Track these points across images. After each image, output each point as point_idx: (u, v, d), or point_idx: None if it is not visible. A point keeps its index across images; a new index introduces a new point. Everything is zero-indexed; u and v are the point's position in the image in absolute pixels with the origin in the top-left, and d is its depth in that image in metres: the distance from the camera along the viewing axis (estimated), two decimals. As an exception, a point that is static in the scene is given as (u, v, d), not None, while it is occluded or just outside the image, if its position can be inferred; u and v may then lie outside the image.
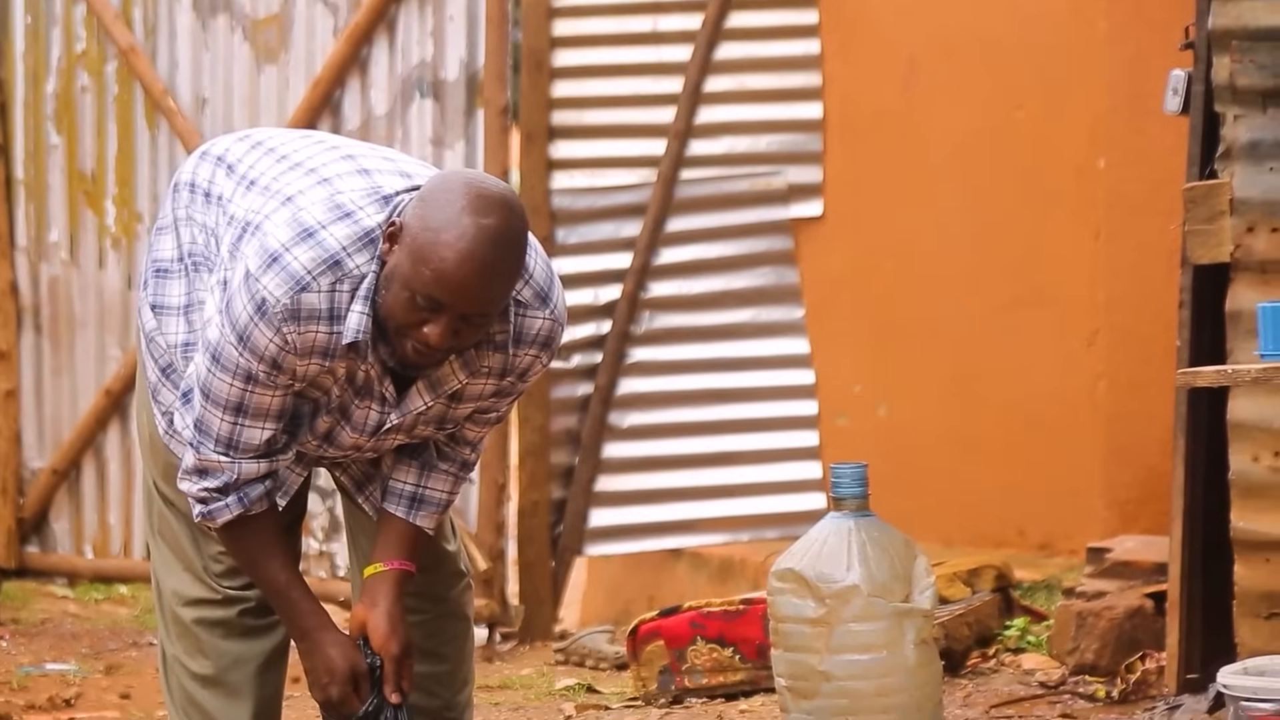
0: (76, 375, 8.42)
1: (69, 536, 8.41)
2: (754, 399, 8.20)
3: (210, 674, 3.87)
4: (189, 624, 3.87)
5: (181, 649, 3.89)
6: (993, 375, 7.50)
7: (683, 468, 8.24)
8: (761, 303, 8.18)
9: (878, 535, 4.14)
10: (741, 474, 8.21)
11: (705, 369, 8.22)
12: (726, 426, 8.22)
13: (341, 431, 3.67)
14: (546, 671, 6.86)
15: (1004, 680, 5.56)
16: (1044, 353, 7.36)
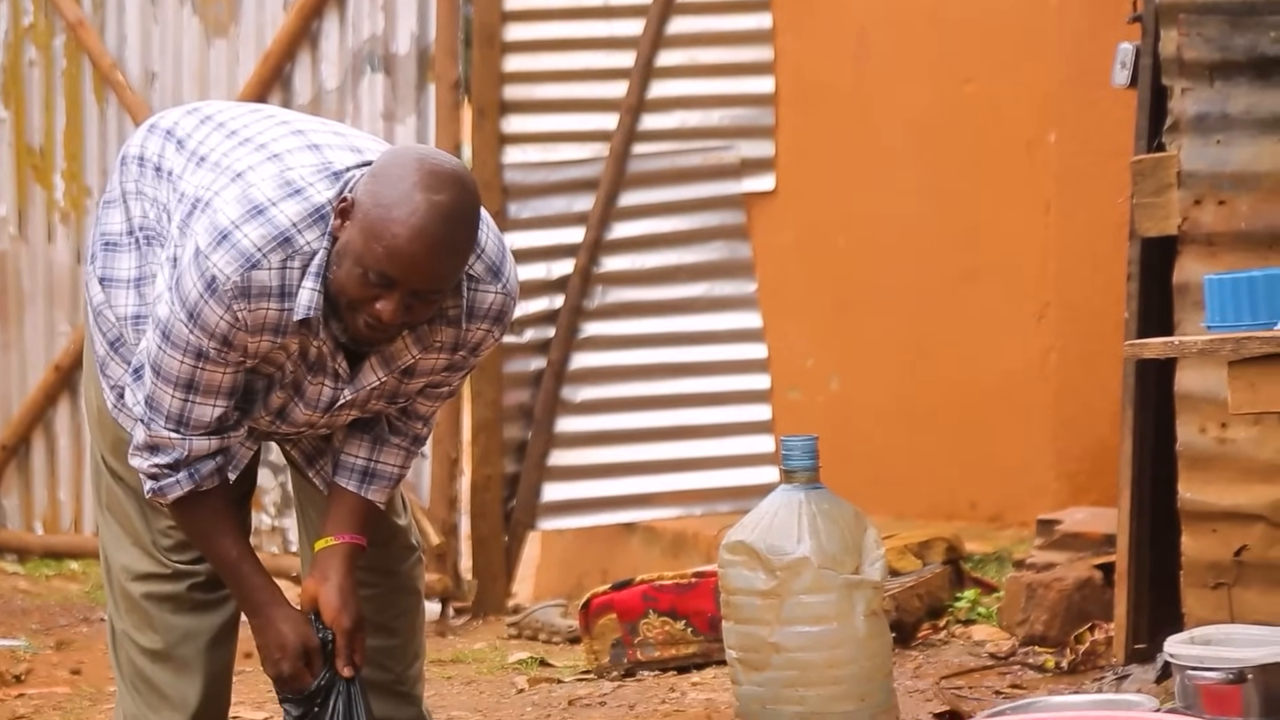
0: (25, 350, 8.39)
1: (18, 512, 8.38)
2: (706, 373, 8.21)
3: (160, 649, 3.86)
4: (138, 599, 3.86)
5: (131, 624, 3.88)
6: (944, 348, 7.53)
7: (635, 442, 8.25)
8: (714, 277, 8.19)
9: (828, 508, 4.16)
10: (694, 448, 8.22)
11: (658, 343, 8.22)
12: (679, 401, 8.23)
13: (295, 408, 3.66)
14: (499, 645, 6.86)
15: (954, 651, 5.58)
16: (995, 326, 7.39)
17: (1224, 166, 4.90)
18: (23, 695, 6.19)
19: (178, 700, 3.86)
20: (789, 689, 4.08)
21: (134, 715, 3.88)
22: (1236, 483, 4.83)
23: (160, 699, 3.86)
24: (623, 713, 5.18)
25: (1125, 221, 5.20)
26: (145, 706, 3.86)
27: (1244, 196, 4.85)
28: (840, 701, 4.08)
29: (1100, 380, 6.78)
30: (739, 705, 4.16)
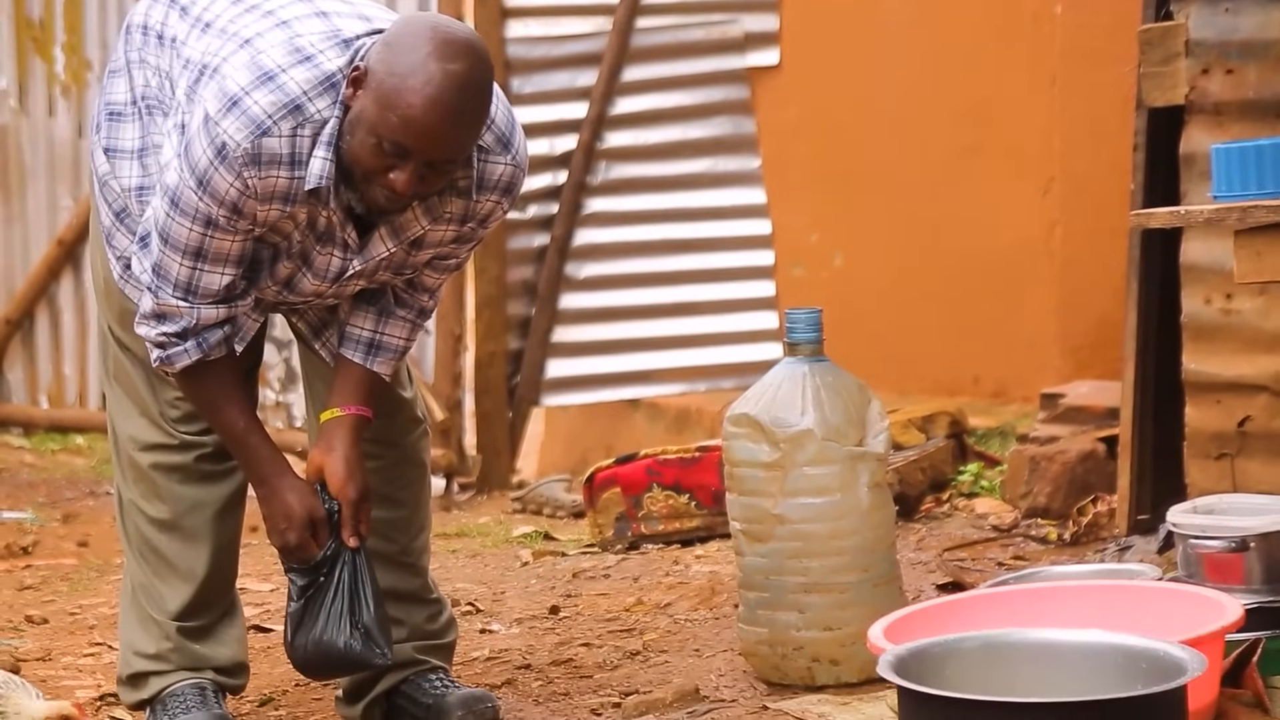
0: (28, 225, 8.37)
1: (24, 386, 8.40)
2: (710, 249, 8.20)
3: (167, 518, 3.88)
4: (146, 469, 3.87)
5: (138, 493, 3.89)
6: (948, 223, 7.50)
7: (639, 318, 8.25)
8: (718, 153, 8.15)
9: (832, 380, 4.15)
10: (698, 324, 8.23)
11: (661, 219, 8.20)
12: (683, 277, 8.22)
13: (303, 278, 3.65)
14: (504, 520, 6.89)
15: (957, 524, 5.61)
16: (999, 200, 7.36)
17: (1232, 35, 4.86)
18: (30, 567, 6.23)
19: (185, 570, 3.88)
20: (792, 560, 4.09)
21: (142, 584, 3.90)
22: (1240, 353, 4.83)
23: (168, 568, 3.88)
24: (626, 585, 5.22)
25: (1131, 94, 5.16)
26: (153, 575, 3.88)
27: (1252, 65, 4.81)
28: (843, 573, 4.09)
29: (1104, 255, 6.76)
30: (742, 577, 4.17)
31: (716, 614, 4.77)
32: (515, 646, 4.58)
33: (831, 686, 4.05)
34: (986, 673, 3.26)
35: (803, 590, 4.09)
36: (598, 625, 4.76)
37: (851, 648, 4.04)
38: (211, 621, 3.91)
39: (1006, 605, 3.82)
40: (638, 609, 4.92)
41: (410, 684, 3.92)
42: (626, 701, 4.02)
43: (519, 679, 4.28)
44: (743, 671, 4.19)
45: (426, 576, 4.02)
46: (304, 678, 4.29)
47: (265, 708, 4.18)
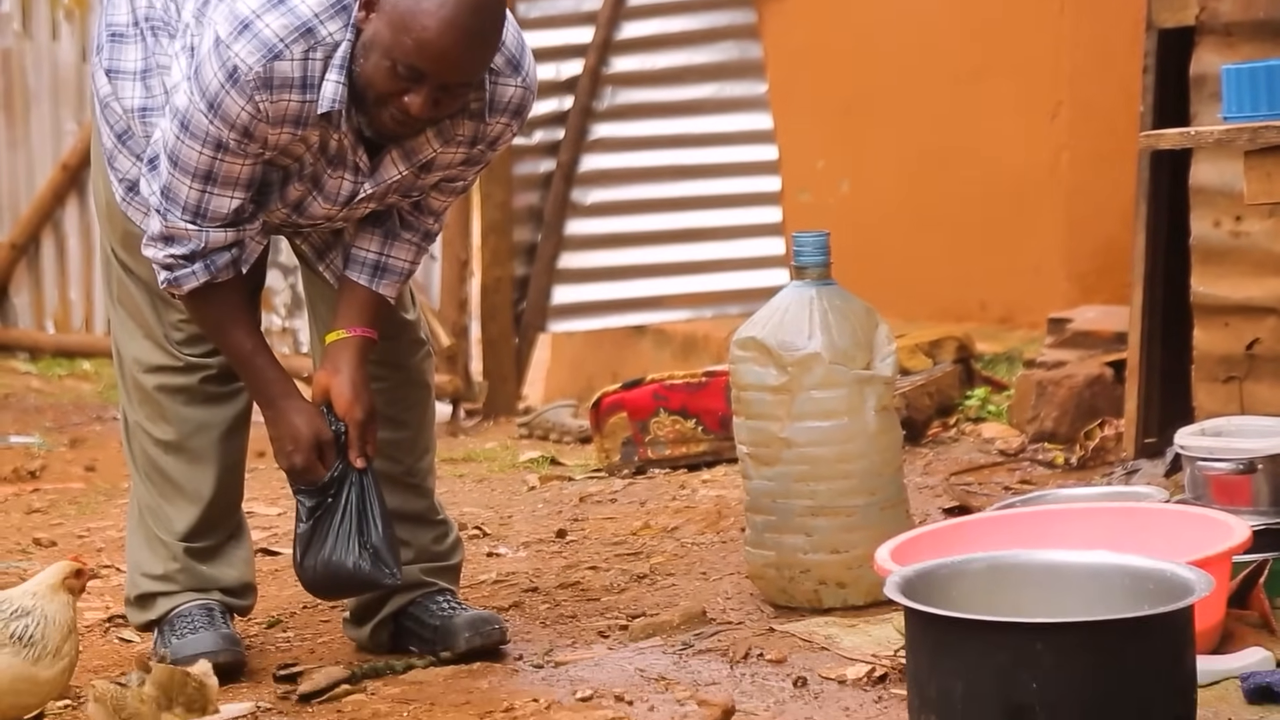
0: (32, 150, 8.35)
1: (29, 311, 8.39)
2: (717, 175, 8.18)
3: (173, 440, 3.88)
4: (151, 390, 3.87)
5: (144, 415, 3.89)
6: (956, 149, 7.48)
7: (646, 244, 8.24)
8: (724, 78, 8.12)
9: (839, 303, 4.14)
10: (704, 251, 8.22)
11: (668, 145, 8.18)
12: (690, 203, 8.20)
13: (313, 202, 3.64)
14: (510, 445, 6.90)
15: (964, 449, 5.61)
16: (1007, 126, 7.33)
17: (1243, -45, 4.82)
18: (38, 490, 6.24)
19: (191, 491, 3.88)
20: (799, 483, 4.09)
21: (149, 505, 3.91)
22: (1249, 276, 4.81)
23: (174, 489, 3.88)
24: (633, 509, 5.22)
25: (1140, 17, 5.13)
26: (159, 497, 3.89)
27: (1263, -14, 4.78)
28: (850, 496, 4.09)
29: (1112, 179, 6.74)
30: (749, 500, 4.17)
31: (723, 538, 4.77)
32: (522, 570, 4.59)
33: (838, 609, 4.06)
34: (993, 594, 3.26)
35: (810, 513, 4.10)
36: (604, 549, 4.77)
37: (858, 570, 4.05)
38: (218, 543, 3.92)
39: (1013, 528, 3.82)
40: (644, 533, 4.93)
41: (418, 605, 3.93)
42: (634, 624, 4.02)
43: (526, 602, 4.29)
44: (749, 594, 4.20)
45: (432, 498, 4.03)
46: (312, 599, 4.31)
47: (273, 629, 4.19)
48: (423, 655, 3.86)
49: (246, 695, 3.62)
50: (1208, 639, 3.48)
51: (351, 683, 3.69)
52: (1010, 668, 2.95)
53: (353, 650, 3.98)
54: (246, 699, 3.56)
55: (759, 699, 3.52)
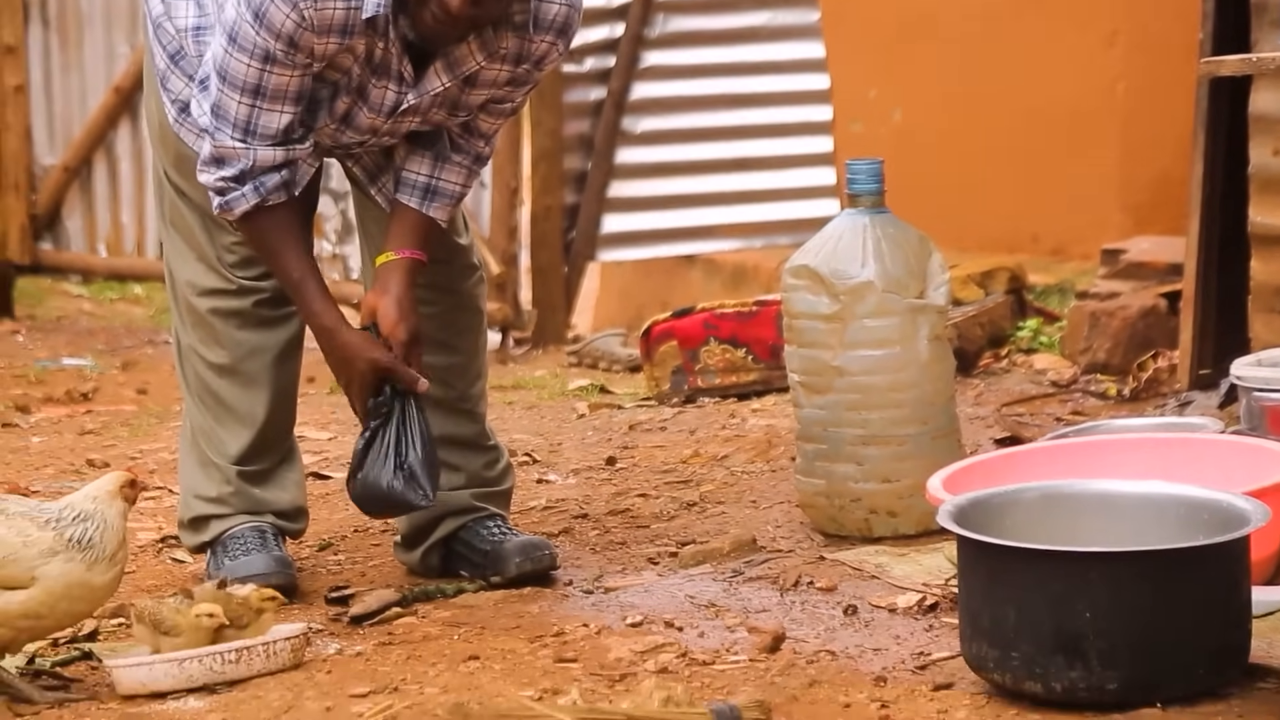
0: (85, 72, 8.35)
1: (82, 234, 8.42)
2: (768, 104, 8.15)
3: (226, 363, 3.88)
4: (204, 314, 3.88)
5: (197, 338, 3.90)
6: (1009, 79, 7.42)
7: (696, 173, 8.21)
8: (777, 5, 8.07)
9: (893, 232, 4.12)
10: (755, 180, 8.19)
11: (719, 73, 8.15)
12: (740, 132, 8.18)
13: (359, 113, 3.63)
14: (559, 373, 6.90)
15: (1016, 380, 5.58)
16: (1061, 54, 7.27)
17: (1307, -122, 4.75)
18: (90, 412, 6.28)
19: (244, 414, 3.89)
20: (851, 412, 4.08)
21: (202, 428, 3.92)
22: (1308, 206, 4.77)
23: (227, 412, 3.89)
24: (683, 437, 5.22)
25: (1201, -57, 5.07)
26: (212, 419, 3.90)
27: (1329, -95, 4.71)
28: (902, 425, 4.08)
29: (1168, 109, 6.68)
30: (800, 429, 4.16)
31: (773, 466, 4.77)
32: (572, 496, 4.59)
33: (889, 538, 4.05)
34: (1046, 523, 3.25)
35: (861, 442, 4.08)
36: (654, 476, 4.77)
37: (909, 500, 4.04)
38: (271, 466, 3.93)
39: (1066, 458, 3.80)
40: (694, 461, 4.92)
41: (468, 530, 3.94)
42: (684, 551, 4.03)
43: (576, 528, 4.30)
44: (799, 523, 4.20)
45: (484, 423, 4.03)
46: (363, 522, 4.34)
47: (324, 552, 4.21)
48: (473, 579, 3.87)
49: (298, 617, 3.64)
50: (1263, 569, 3.46)
51: (402, 606, 3.70)
52: (1064, 597, 2.95)
53: (403, 574, 3.99)
54: (298, 620, 3.57)
55: (809, 626, 3.52)
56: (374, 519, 4.06)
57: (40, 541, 3.25)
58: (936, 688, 3.14)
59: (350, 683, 3.27)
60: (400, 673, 3.32)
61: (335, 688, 3.25)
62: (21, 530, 3.26)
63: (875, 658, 3.33)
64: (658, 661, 3.34)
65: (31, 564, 3.25)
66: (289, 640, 3.37)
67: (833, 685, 3.18)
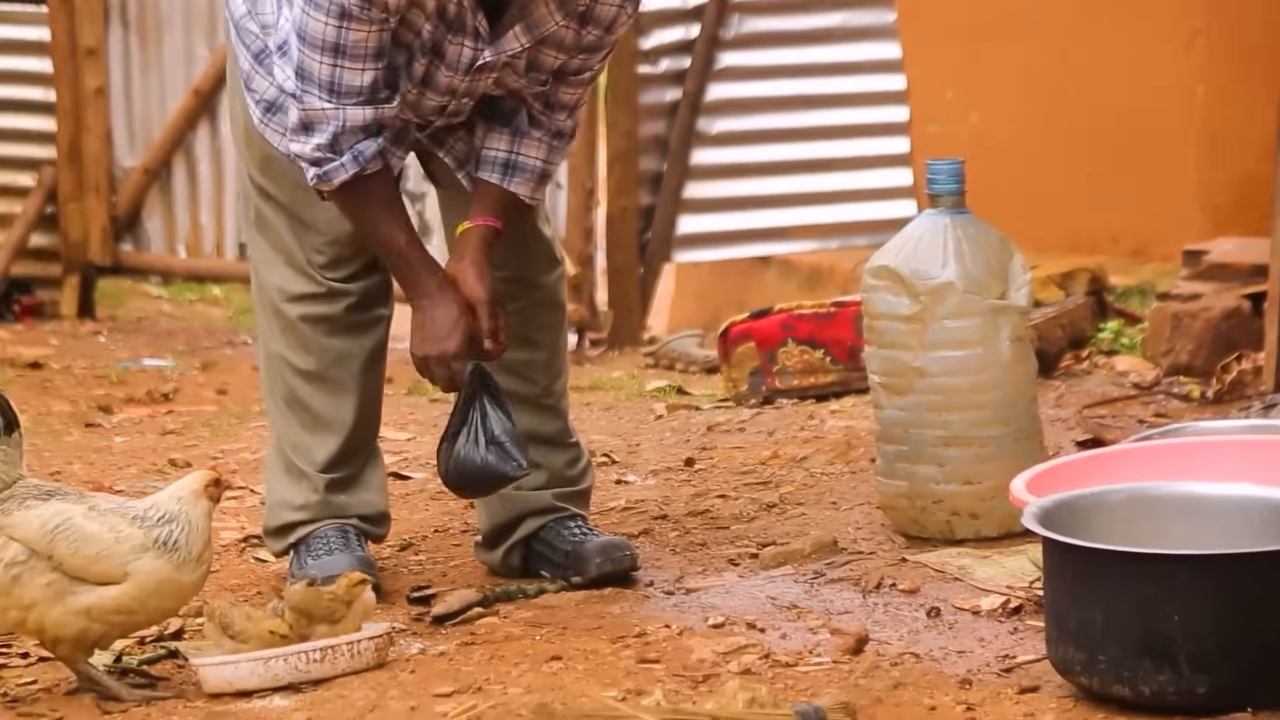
0: (165, 74, 8.40)
1: (162, 236, 8.47)
2: (845, 105, 8.13)
3: (315, 370, 3.88)
4: (294, 320, 3.87)
5: (285, 345, 3.89)
6: (1088, 79, 7.38)
7: (772, 174, 8.20)
8: (853, 6, 8.05)
9: (974, 232, 4.09)
10: (831, 181, 8.17)
11: (795, 74, 8.13)
12: (817, 133, 8.16)
13: (437, 73, 3.62)
14: (636, 374, 6.91)
15: (1097, 381, 5.54)
16: (1141, 56, 7.23)
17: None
18: (172, 412, 6.33)
19: (332, 421, 3.89)
20: (932, 414, 4.05)
21: (288, 437, 3.90)
22: (1396, 208, 4.72)
23: (315, 420, 3.89)
24: (761, 439, 5.20)
25: (1285, -58, 5.03)
26: (300, 428, 3.90)
27: None
28: (983, 426, 4.05)
29: (1250, 110, 6.63)
30: (880, 430, 4.14)
31: (853, 468, 4.75)
32: (651, 497, 4.59)
33: (971, 540, 4.03)
34: (1133, 525, 3.23)
35: (942, 444, 4.06)
36: (733, 478, 4.76)
37: (992, 501, 4.01)
38: (356, 471, 3.94)
39: (1151, 460, 3.77)
40: (773, 462, 4.91)
41: (549, 530, 3.94)
42: (764, 552, 4.01)
43: (656, 529, 4.29)
44: (880, 524, 4.18)
45: (566, 420, 4.03)
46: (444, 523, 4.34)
47: (405, 552, 4.22)
48: (554, 580, 3.87)
49: (381, 616, 3.65)
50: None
51: (484, 606, 3.71)
52: (1152, 599, 2.93)
53: (484, 574, 4.00)
54: (381, 620, 3.58)
55: (892, 629, 3.50)
56: (470, 498, 4.02)
57: (131, 538, 3.28)
58: (1022, 691, 3.12)
59: (434, 682, 3.27)
60: (483, 673, 3.32)
61: (419, 687, 3.26)
62: (113, 526, 3.29)
63: (960, 660, 3.31)
64: (740, 663, 3.33)
65: (124, 559, 3.28)
66: (373, 640, 3.39)
67: (917, 688, 3.17)
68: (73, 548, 3.27)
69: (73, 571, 3.26)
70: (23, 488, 3.31)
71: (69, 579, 3.27)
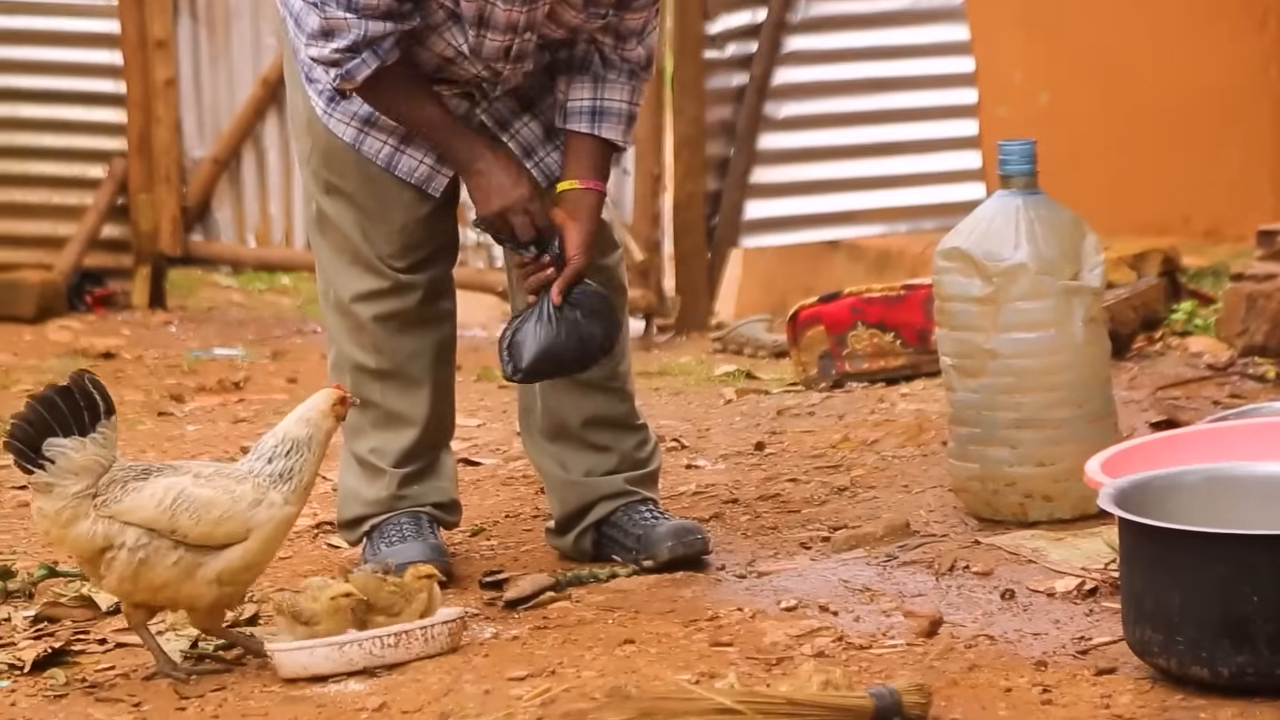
0: (233, 64, 8.44)
1: (231, 226, 8.51)
2: (913, 88, 8.09)
3: (388, 369, 3.88)
4: (365, 321, 3.86)
5: (355, 346, 3.88)
6: (1159, 59, 7.32)
7: (839, 159, 8.17)
8: (920, -11, 8.02)
9: (1046, 213, 4.07)
10: (899, 164, 8.14)
11: (863, 58, 8.10)
12: (885, 116, 8.12)
13: (493, 9, 3.59)
14: (704, 360, 6.90)
15: (1171, 363, 5.50)
16: (1213, 36, 7.17)
17: None
18: (243, 401, 6.35)
19: (407, 417, 3.89)
20: (1005, 395, 4.03)
21: (363, 436, 3.90)
22: None
23: (389, 418, 3.89)
24: (831, 422, 5.19)
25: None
26: (372, 425, 3.90)
27: None
28: (1057, 408, 4.03)
29: (1325, 89, 6.57)
30: (953, 412, 4.12)
31: (924, 451, 4.73)
32: (721, 482, 4.58)
33: (1044, 522, 4.00)
34: (1210, 506, 3.20)
35: (1015, 426, 4.04)
36: (804, 461, 4.75)
37: (1065, 484, 3.99)
38: (429, 463, 3.95)
39: (1227, 441, 3.73)
40: (844, 446, 4.89)
41: (620, 514, 3.93)
42: (836, 535, 4.00)
43: (727, 513, 4.29)
44: (953, 507, 4.16)
45: (633, 402, 4.02)
46: (514, 508, 4.34)
47: (476, 538, 4.22)
48: (625, 564, 3.87)
49: (453, 601, 3.65)
50: None
51: (556, 590, 3.71)
52: (1230, 580, 2.90)
53: (555, 558, 4.00)
54: (454, 605, 3.59)
55: (966, 611, 3.48)
56: (542, 379, 3.89)
57: (245, 495, 3.31)
58: (1099, 672, 3.10)
59: (508, 666, 3.28)
60: (557, 656, 3.32)
61: (493, 671, 3.26)
62: (225, 488, 3.32)
63: (1035, 642, 3.30)
64: (814, 645, 3.32)
65: (246, 517, 3.30)
66: (447, 624, 3.39)
67: (993, 669, 3.15)
68: (195, 517, 3.29)
69: (198, 540, 3.29)
70: (119, 470, 3.33)
71: (192, 551, 3.29)
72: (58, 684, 3.39)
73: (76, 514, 3.28)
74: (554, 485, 3.97)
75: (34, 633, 3.67)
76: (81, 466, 3.28)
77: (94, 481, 3.28)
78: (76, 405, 3.29)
